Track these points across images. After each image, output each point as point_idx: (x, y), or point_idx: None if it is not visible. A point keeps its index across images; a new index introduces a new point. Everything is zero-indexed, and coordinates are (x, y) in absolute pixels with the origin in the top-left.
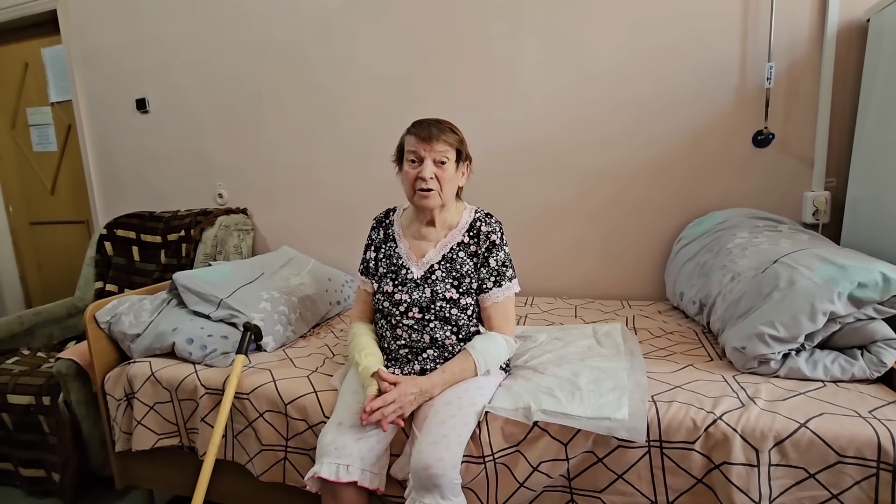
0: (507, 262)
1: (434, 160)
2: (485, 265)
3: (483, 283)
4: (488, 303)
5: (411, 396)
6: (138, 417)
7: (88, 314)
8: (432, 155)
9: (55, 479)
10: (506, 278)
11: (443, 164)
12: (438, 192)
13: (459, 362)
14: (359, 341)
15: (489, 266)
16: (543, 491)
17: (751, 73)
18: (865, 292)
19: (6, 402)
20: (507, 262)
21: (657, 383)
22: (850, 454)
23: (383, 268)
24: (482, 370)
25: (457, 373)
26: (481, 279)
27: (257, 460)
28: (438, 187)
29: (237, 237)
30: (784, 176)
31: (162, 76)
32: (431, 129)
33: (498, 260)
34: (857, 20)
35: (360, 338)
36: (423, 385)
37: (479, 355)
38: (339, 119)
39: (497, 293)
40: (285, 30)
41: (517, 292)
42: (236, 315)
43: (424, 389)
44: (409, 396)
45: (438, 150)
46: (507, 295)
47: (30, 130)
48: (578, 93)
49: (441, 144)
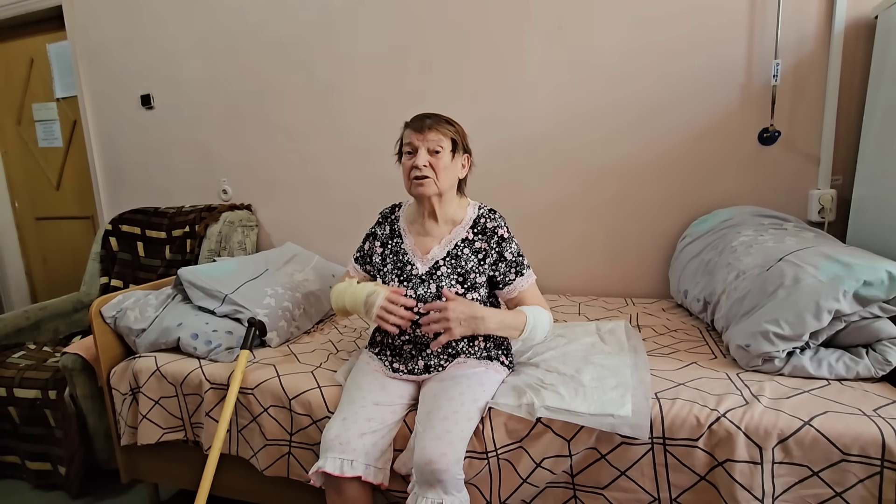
0: (521, 253)
1: (428, 149)
2: (501, 260)
3: (505, 276)
4: (515, 292)
5: (462, 315)
6: (143, 412)
7: (94, 309)
8: (426, 144)
9: (61, 473)
10: (525, 267)
11: (437, 154)
12: (434, 181)
13: (513, 314)
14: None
15: (506, 260)
16: (546, 487)
17: (757, 70)
18: (871, 291)
19: (13, 396)
20: (520, 252)
21: (661, 381)
22: (854, 452)
23: (390, 263)
24: (530, 327)
25: (508, 321)
26: (502, 274)
27: (261, 455)
28: (434, 175)
29: (241, 233)
30: (790, 174)
31: (166, 72)
32: (425, 121)
33: (513, 252)
34: (865, 17)
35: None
36: (476, 311)
37: (531, 313)
38: (344, 115)
39: (521, 282)
40: (289, 25)
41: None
42: (241, 311)
43: (476, 315)
44: (460, 314)
45: (431, 139)
46: (530, 282)
47: (35, 126)
48: (582, 89)
49: (434, 134)
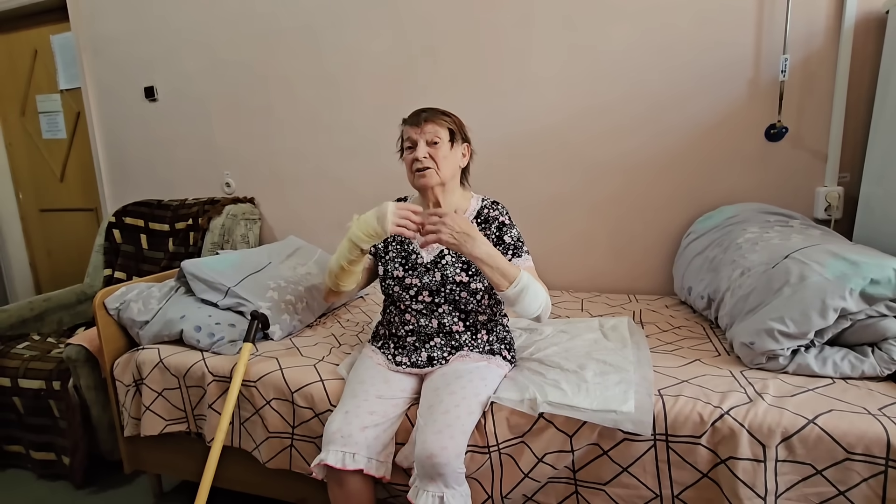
0: (521, 238)
1: (426, 141)
2: (500, 243)
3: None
4: None
5: (457, 227)
6: (147, 403)
7: (98, 301)
8: (424, 137)
9: (65, 463)
10: (523, 251)
11: (435, 144)
12: (435, 171)
13: (508, 262)
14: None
15: (505, 243)
16: (548, 482)
17: (765, 66)
18: (878, 289)
19: (17, 387)
20: (521, 237)
21: (664, 377)
22: (858, 451)
23: (393, 252)
24: (521, 285)
25: (500, 262)
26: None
27: (264, 447)
28: (434, 165)
29: (244, 226)
30: (796, 170)
31: (170, 64)
32: (421, 115)
33: (512, 236)
34: (876, 12)
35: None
36: (472, 230)
37: (525, 274)
38: (348, 108)
39: (518, 262)
40: (294, 18)
41: None
42: (244, 303)
43: (470, 234)
44: (455, 225)
45: (428, 130)
46: (527, 265)
47: (39, 118)
48: (587, 83)
49: (430, 126)
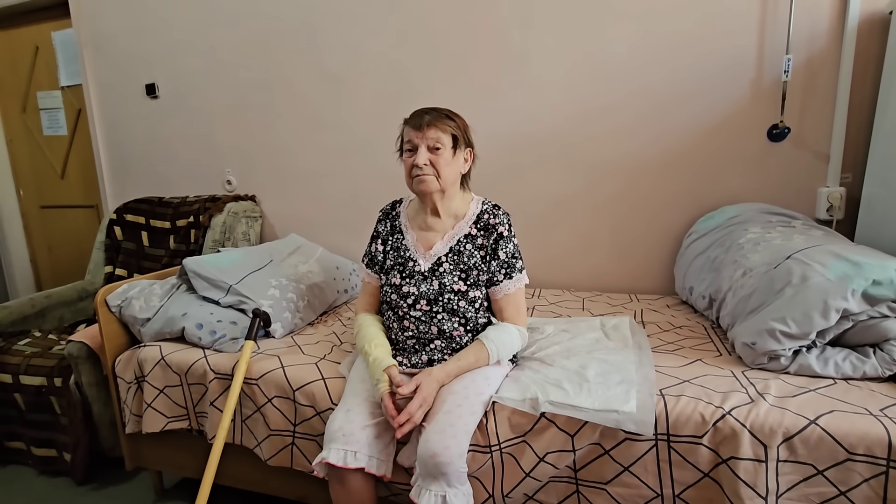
0: (516, 254)
1: (428, 146)
2: (494, 258)
3: (493, 275)
4: (499, 295)
5: (433, 393)
6: (148, 400)
7: (99, 298)
8: (425, 142)
9: (66, 459)
10: (516, 270)
11: (437, 150)
12: (435, 178)
13: (474, 352)
14: (367, 332)
15: (499, 258)
16: (549, 481)
17: (768, 66)
18: (880, 290)
19: (19, 383)
20: (516, 253)
21: (665, 377)
22: (859, 452)
23: (391, 260)
24: (494, 360)
25: (472, 362)
26: (491, 272)
27: (265, 445)
28: (435, 172)
29: (245, 224)
30: (799, 171)
31: (172, 62)
32: (423, 118)
33: (507, 252)
34: (880, 13)
35: (368, 328)
36: (441, 377)
37: (493, 345)
38: (349, 107)
39: (508, 285)
40: (296, 16)
41: (526, 284)
42: (245, 301)
43: (442, 382)
44: (431, 395)
45: (431, 136)
46: (517, 287)
47: (40, 114)
48: (589, 82)
49: (433, 131)
